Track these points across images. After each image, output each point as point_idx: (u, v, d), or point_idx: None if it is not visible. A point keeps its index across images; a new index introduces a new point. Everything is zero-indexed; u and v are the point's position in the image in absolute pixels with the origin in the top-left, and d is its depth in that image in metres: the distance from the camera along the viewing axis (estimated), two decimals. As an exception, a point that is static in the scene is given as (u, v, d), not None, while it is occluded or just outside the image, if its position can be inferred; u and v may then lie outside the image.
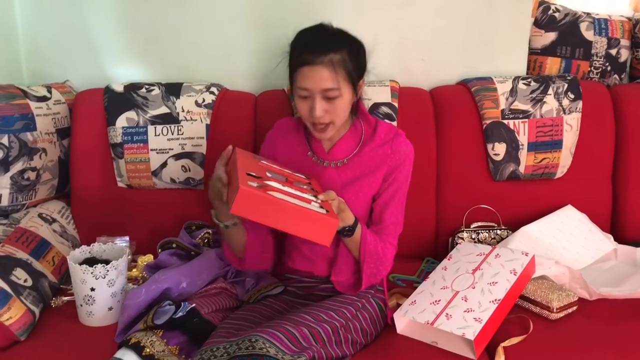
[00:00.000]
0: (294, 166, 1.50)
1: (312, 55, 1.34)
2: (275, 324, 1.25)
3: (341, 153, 1.50)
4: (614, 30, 2.05)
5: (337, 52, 1.35)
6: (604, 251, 1.82)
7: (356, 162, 1.49)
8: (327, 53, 1.34)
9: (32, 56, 2.02)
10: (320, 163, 1.51)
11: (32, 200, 1.76)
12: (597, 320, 1.49)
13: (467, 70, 2.04)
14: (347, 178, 1.49)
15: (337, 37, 1.40)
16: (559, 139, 1.87)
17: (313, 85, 1.35)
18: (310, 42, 1.38)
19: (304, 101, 1.39)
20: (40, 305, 1.51)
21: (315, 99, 1.36)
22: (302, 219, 1.21)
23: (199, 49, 2.01)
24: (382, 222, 1.48)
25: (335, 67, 1.34)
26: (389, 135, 1.50)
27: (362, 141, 1.50)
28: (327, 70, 1.34)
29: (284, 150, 1.55)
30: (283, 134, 1.56)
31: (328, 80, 1.34)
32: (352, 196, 1.47)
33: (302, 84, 1.36)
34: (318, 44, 1.36)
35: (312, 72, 1.34)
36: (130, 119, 1.83)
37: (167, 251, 1.71)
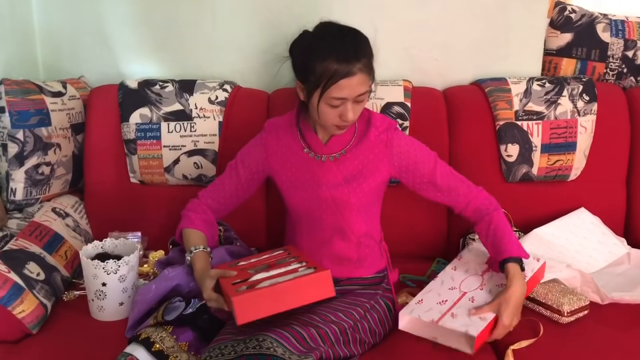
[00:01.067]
0: (290, 165, 1.51)
1: (349, 66, 1.32)
2: (284, 324, 1.25)
3: (338, 146, 1.50)
4: (631, 31, 2.03)
5: (365, 55, 1.36)
6: (617, 255, 1.80)
7: (354, 153, 1.50)
8: (359, 59, 1.33)
9: (48, 52, 2.04)
10: (318, 158, 1.50)
11: (46, 194, 1.78)
12: (608, 325, 1.47)
13: (481, 70, 2.03)
14: (347, 171, 1.49)
15: (358, 36, 1.39)
16: (573, 141, 1.86)
17: (350, 94, 1.34)
18: (343, 52, 1.33)
19: (333, 109, 1.38)
20: (53, 299, 1.52)
21: (348, 105, 1.36)
22: (299, 289, 1.25)
23: (213, 46, 2.02)
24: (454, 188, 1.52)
25: (368, 69, 1.36)
26: (382, 124, 1.51)
27: (357, 131, 1.51)
28: (363, 77, 1.34)
29: (278, 150, 1.54)
30: (275, 135, 1.55)
31: (364, 85, 1.35)
32: (357, 187, 1.49)
33: (337, 94, 1.34)
34: (350, 52, 1.33)
35: (351, 82, 1.33)
36: (144, 115, 1.84)
37: (178, 247, 1.71)
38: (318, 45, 1.36)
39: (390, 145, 1.50)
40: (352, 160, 1.50)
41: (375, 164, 1.50)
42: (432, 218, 1.88)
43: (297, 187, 1.51)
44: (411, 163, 1.50)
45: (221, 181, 1.59)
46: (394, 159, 1.50)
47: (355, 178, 1.49)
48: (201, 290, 1.34)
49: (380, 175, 1.51)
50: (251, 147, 1.58)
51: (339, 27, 1.41)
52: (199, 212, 1.56)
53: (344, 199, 1.48)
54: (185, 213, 1.57)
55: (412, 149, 1.51)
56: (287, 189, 1.54)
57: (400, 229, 1.84)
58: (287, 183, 1.53)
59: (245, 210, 1.85)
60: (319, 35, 1.39)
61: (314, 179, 1.49)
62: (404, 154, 1.50)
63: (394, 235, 1.69)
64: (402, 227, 1.86)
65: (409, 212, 1.86)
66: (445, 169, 1.53)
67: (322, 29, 1.41)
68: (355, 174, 1.49)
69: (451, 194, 1.52)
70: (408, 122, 1.84)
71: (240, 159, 1.58)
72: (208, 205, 1.58)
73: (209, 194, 1.59)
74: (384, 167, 1.50)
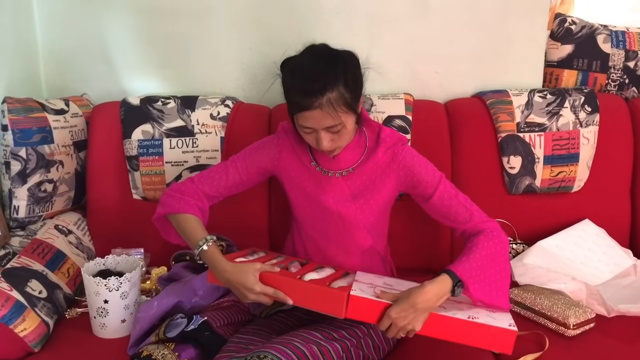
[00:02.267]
0: (300, 174, 1.51)
1: (309, 100, 1.29)
2: (285, 341, 1.24)
3: (346, 162, 1.49)
4: (631, 42, 2.03)
5: (333, 89, 1.30)
6: (623, 266, 1.78)
7: (363, 170, 1.48)
8: (323, 94, 1.29)
9: (51, 70, 2.05)
10: (325, 173, 1.49)
11: (48, 212, 1.78)
12: (614, 338, 1.46)
13: (483, 82, 2.03)
14: (355, 187, 1.48)
15: (330, 70, 1.32)
16: (576, 153, 1.85)
17: (315, 125, 1.34)
18: (304, 86, 1.30)
19: (308, 134, 1.38)
20: (55, 317, 1.52)
21: (320, 134, 1.35)
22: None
23: (215, 63, 2.03)
24: (452, 213, 1.46)
25: (334, 105, 1.30)
26: (392, 139, 1.49)
27: (367, 148, 1.50)
28: (326, 111, 1.30)
29: (290, 158, 1.52)
30: (289, 140, 1.53)
31: (329, 119, 1.32)
32: (364, 205, 1.48)
33: (303, 123, 1.35)
34: (312, 87, 1.29)
35: (313, 115, 1.31)
36: (146, 132, 1.85)
37: (180, 264, 1.71)
38: (290, 73, 1.37)
39: (396, 159, 1.48)
40: (359, 176, 1.49)
41: (382, 180, 1.48)
42: (436, 232, 1.87)
43: (305, 196, 1.51)
44: (415, 180, 1.48)
45: (223, 169, 1.52)
46: (400, 174, 1.48)
47: (362, 195, 1.48)
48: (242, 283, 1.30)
49: (387, 192, 1.50)
50: (264, 144, 1.55)
51: (316, 54, 1.37)
52: (195, 198, 1.47)
53: (350, 216, 1.48)
54: (178, 195, 1.47)
55: (416, 166, 1.48)
56: (295, 195, 1.53)
57: (408, 242, 1.84)
58: (295, 190, 1.53)
59: (248, 226, 1.85)
60: (294, 64, 1.37)
61: (322, 193, 1.49)
62: (409, 169, 1.48)
63: (401, 249, 1.69)
64: (410, 240, 1.84)
65: (416, 226, 1.84)
66: (447, 192, 1.47)
67: (301, 56, 1.39)
68: (363, 190, 1.48)
69: (449, 219, 1.47)
70: (410, 135, 1.84)
71: (250, 152, 1.54)
72: (204, 192, 1.49)
73: (205, 180, 1.50)
74: (391, 183, 1.49)
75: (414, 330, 1.26)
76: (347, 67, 1.35)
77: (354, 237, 1.49)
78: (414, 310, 1.24)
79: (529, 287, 1.61)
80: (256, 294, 1.30)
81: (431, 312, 1.26)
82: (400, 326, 1.25)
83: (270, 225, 1.90)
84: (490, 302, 1.33)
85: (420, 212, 1.54)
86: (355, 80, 1.36)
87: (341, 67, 1.34)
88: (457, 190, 1.49)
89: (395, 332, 1.26)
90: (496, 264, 1.37)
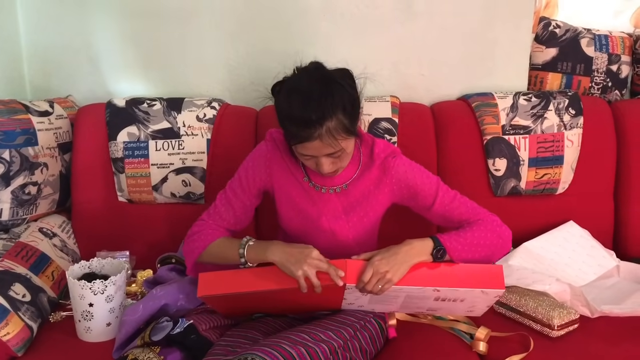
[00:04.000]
0: (290, 187, 1.47)
1: (307, 132, 1.26)
2: (272, 343, 1.23)
3: (340, 178, 1.46)
4: (614, 46, 2.05)
5: (332, 118, 1.27)
6: (606, 268, 1.80)
7: (356, 187, 1.47)
8: (322, 124, 1.26)
9: (36, 71, 2.04)
10: (318, 189, 1.47)
11: (32, 214, 1.77)
12: (598, 339, 1.47)
13: (468, 85, 2.04)
14: (348, 203, 1.47)
15: (327, 97, 1.28)
16: (560, 155, 1.87)
17: (315, 153, 1.32)
18: (302, 116, 1.26)
19: (308, 160, 1.36)
20: (39, 321, 1.50)
21: (321, 160, 1.33)
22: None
23: (201, 64, 2.02)
24: (456, 215, 1.46)
25: (334, 135, 1.28)
26: (384, 153, 1.48)
27: (362, 164, 1.48)
28: (326, 142, 1.28)
29: (280, 172, 1.49)
30: (279, 152, 1.49)
31: (329, 148, 1.30)
32: (357, 223, 1.47)
33: (302, 152, 1.32)
34: (310, 118, 1.25)
35: (312, 145, 1.29)
36: (132, 134, 1.84)
37: (166, 266, 1.70)
38: (284, 101, 1.31)
39: (388, 173, 1.46)
40: (353, 192, 1.47)
41: (376, 196, 1.47)
42: (422, 234, 1.84)
43: (294, 210, 1.49)
44: (412, 192, 1.47)
45: (226, 202, 1.49)
46: (394, 188, 1.47)
47: (355, 211, 1.47)
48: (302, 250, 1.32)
49: (380, 208, 1.49)
50: (253, 165, 1.49)
51: (311, 79, 1.32)
52: (212, 228, 1.46)
53: (342, 233, 1.47)
54: (196, 236, 1.44)
55: (411, 177, 1.46)
56: (285, 210, 1.50)
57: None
58: (285, 204, 1.49)
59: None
60: (288, 89, 1.32)
61: (314, 209, 1.47)
62: (404, 182, 1.46)
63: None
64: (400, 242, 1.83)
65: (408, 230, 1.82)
66: (447, 197, 1.46)
67: (296, 82, 1.34)
68: (356, 206, 1.47)
69: (453, 221, 1.45)
70: (396, 137, 1.85)
71: (245, 177, 1.49)
72: (219, 224, 1.48)
73: (215, 217, 1.49)
74: (385, 198, 1.48)
75: (391, 282, 1.28)
76: (344, 90, 1.31)
77: (345, 251, 1.42)
78: (395, 259, 1.30)
79: (514, 288, 1.62)
80: (313, 262, 1.28)
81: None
82: (381, 272, 1.28)
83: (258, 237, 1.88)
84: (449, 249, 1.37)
85: (410, 215, 1.54)
86: (353, 103, 1.34)
87: (338, 93, 1.30)
88: (454, 192, 1.48)
89: (374, 282, 1.28)
90: (488, 251, 1.40)
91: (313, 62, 1.38)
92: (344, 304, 1.40)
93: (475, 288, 1.31)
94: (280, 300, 1.39)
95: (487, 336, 1.45)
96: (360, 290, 1.30)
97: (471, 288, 1.31)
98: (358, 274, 1.30)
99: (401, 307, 1.44)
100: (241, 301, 1.37)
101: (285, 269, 1.31)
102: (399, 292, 1.33)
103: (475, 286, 1.31)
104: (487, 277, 1.32)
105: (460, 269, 1.34)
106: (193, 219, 1.85)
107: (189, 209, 1.88)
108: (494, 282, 1.31)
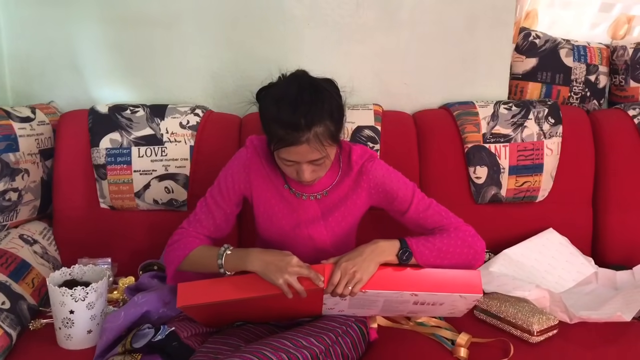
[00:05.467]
0: (269, 194, 1.48)
1: (295, 135, 1.27)
2: (254, 349, 1.24)
3: (320, 185, 1.47)
4: (592, 56, 2.10)
5: (320, 123, 1.29)
6: (585, 274, 1.83)
7: (336, 193, 1.48)
8: (310, 128, 1.28)
9: (17, 77, 2.02)
10: (299, 196, 1.48)
11: (13, 221, 1.75)
12: (577, 344, 1.49)
13: (450, 94, 2.07)
14: (326, 208, 1.48)
15: (317, 103, 1.29)
16: (540, 163, 1.90)
17: (299, 159, 1.33)
18: (291, 120, 1.27)
19: (289, 167, 1.37)
20: (18, 329, 1.49)
21: (302, 167, 1.34)
22: None
23: (185, 71, 2.02)
24: (430, 223, 1.46)
25: (321, 140, 1.29)
26: (362, 158, 1.49)
27: (341, 171, 1.49)
28: (313, 146, 1.29)
29: (260, 179, 1.49)
30: (257, 154, 1.49)
31: (315, 153, 1.31)
32: (335, 227, 1.48)
33: (286, 157, 1.33)
34: (299, 122, 1.27)
35: (298, 150, 1.30)
36: (114, 140, 1.83)
37: (148, 273, 1.70)
38: (272, 105, 1.32)
39: (366, 176, 1.48)
40: (332, 198, 1.48)
41: (354, 201, 1.48)
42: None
43: (272, 218, 1.49)
44: (389, 197, 1.48)
45: (206, 210, 1.48)
46: (371, 191, 1.48)
47: (333, 216, 1.48)
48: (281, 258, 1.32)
49: (358, 211, 1.50)
50: (232, 173, 1.50)
51: (300, 85, 1.32)
52: (192, 236, 1.46)
53: (322, 238, 1.48)
54: (175, 245, 1.44)
55: (388, 182, 1.47)
56: (262, 219, 1.51)
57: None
58: (263, 210, 1.50)
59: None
60: (276, 95, 1.33)
61: (293, 216, 1.47)
62: (380, 186, 1.48)
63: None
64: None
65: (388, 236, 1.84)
66: (422, 204, 1.47)
67: (285, 86, 1.34)
68: (334, 211, 1.48)
69: (427, 228, 1.46)
70: (379, 145, 1.86)
71: (224, 184, 1.49)
72: (199, 232, 1.48)
73: (195, 224, 1.48)
74: (362, 201, 1.49)
75: (362, 281, 1.29)
76: (332, 98, 1.34)
77: (323, 256, 1.42)
78: (362, 259, 1.31)
79: (494, 294, 1.63)
80: (294, 270, 1.29)
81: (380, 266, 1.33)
82: (350, 272, 1.28)
83: (240, 244, 1.89)
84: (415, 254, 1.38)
85: (389, 223, 1.55)
86: (340, 110, 1.36)
87: (327, 100, 1.32)
88: (430, 200, 1.49)
89: (344, 284, 1.28)
90: (457, 260, 1.40)
91: (299, 70, 1.39)
92: (324, 309, 1.41)
93: (453, 293, 1.33)
94: (261, 308, 1.39)
95: (468, 342, 1.46)
96: (332, 293, 1.31)
97: (449, 293, 1.33)
98: (327, 277, 1.30)
99: (382, 311, 1.45)
100: (221, 310, 1.37)
101: (266, 277, 1.31)
102: (377, 297, 1.34)
103: (453, 291, 1.33)
104: (465, 282, 1.34)
105: (438, 274, 1.35)
106: (175, 226, 1.85)
107: (171, 216, 1.88)
108: (471, 287, 1.34)
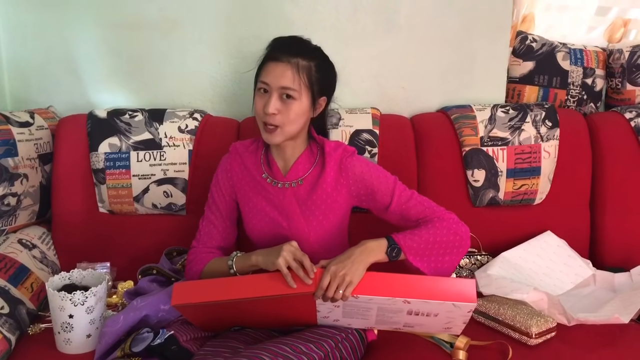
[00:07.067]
0: (250, 190, 1.53)
1: (280, 53, 1.40)
2: (253, 354, 1.23)
3: (297, 173, 1.51)
4: (589, 60, 2.11)
5: (306, 59, 1.41)
6: (583, 277, 1.84)
7: (313, 186, 1.50)
8: (295, 56, 1.40)
9: (16, 82, 2.03)
10: (275, 185, 1.51)
11: (12, 225, 1.75)
12: (575, 346, 1.50)
13: (447, 98, 2.08)
14: (304, 196, 1.50)
15: (313, 49, 1.46)
16: (538, 166, 1.90)
17: (273, 81, 1.40)
18: (284, 43, 1.45)
19: (261, 97, 1.43)
20: (17, 333, 1.49)
21: (272, 96, 1.40)
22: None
23: (183, 75, 2.03)
24: (413, 214, 1.47)
25: (299, 70, 1.40)
26: (337, 152, 1.51)
27: (317, 161, 1.52)
28: (290, 70, 1.39)
29: (240, 173, 1.55)
30: (239, 157, 1.56)
31: (289, 79, 1.39)
32: (317, 226, 1.49)
33: (264, 77, 1.42)
34: (290, 46, 1.43)
35: (276, 68, 1.39)
36: (113, 145, 1.83)
37: (147, 277, 1.70)
38: (274, 39, 1.48)
39: (346, 173, 1.49)
40: (309, 192, 1.49)
41: (335, 198, 1.49)
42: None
43: (255, 214, 1.52)
44: (369, 192, 1.49)
45: (209, 223, 1.57)
46: (351, 188, 1.50)
47: (314, 215, 1.49)
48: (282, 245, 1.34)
49: (340, 209, 1.51)
50: (216, 176, 1.59)
51: (302, 37, 1.49)
52: (204, 252, 1.54)
53: (304, 237, 1.48)
54: (189, 265, 1.54)
55: (368, 177, 1.49)
56: (248, 217, 1.54)
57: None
58: (247, 209, 1.54)
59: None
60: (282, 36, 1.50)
61: (271, 207, 1.50)
62: (360, 182, 1.49)
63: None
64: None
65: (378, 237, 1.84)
66: (404, 196, 1.49)
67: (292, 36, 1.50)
68: (314, 209, 1.49)
69: (410, 220, 1.48)
70: (377, 148, 1.87)
71: (217, 193, 1.58)
72: (210, 246, 1.56)
73: (203, 238, 1.57)
74: (343, 199, 1.50)
75: (352, 284, 1.28)
76: (328, 62, 1.48)
77: (312, 257, 1.39)
78: (351, 261, 1.31)
79: (492, 297, 1.64)
80: (291, 249, 1.33)
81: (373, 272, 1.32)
82: (339, 275, 1.28)
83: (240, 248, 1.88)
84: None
85: (381, 225, 1.55)
86: (328, 74, 1.47)
87: (324, 57, 1.48)
88: (412, 191, 1.51)
89: (334, 287, 1.28)
90: (445, 249, 1.42)
91: None
92: (319, 317, 1.39)
93: (447, 301, 1.27)
94: (256, 313, 1.38)
95: (466, 345, 1.46)
96: (323, 298, 1.30)
97: (442, 300, 1.27)
98: (317, 281, 1.30)
99: (377, 323, 1.41)
100: (216, 312, 1.36)
101: (267, 262, 1.35)
102: (369, 304, 1.32)
103: (446, 299, 1.27)
104: (459, 291, 1.28)
105: (432, 282, 1.31)
106: (174, 230, 1.87)
107: (170, 220, 1.88)
108: (466, 296, 1.28)
